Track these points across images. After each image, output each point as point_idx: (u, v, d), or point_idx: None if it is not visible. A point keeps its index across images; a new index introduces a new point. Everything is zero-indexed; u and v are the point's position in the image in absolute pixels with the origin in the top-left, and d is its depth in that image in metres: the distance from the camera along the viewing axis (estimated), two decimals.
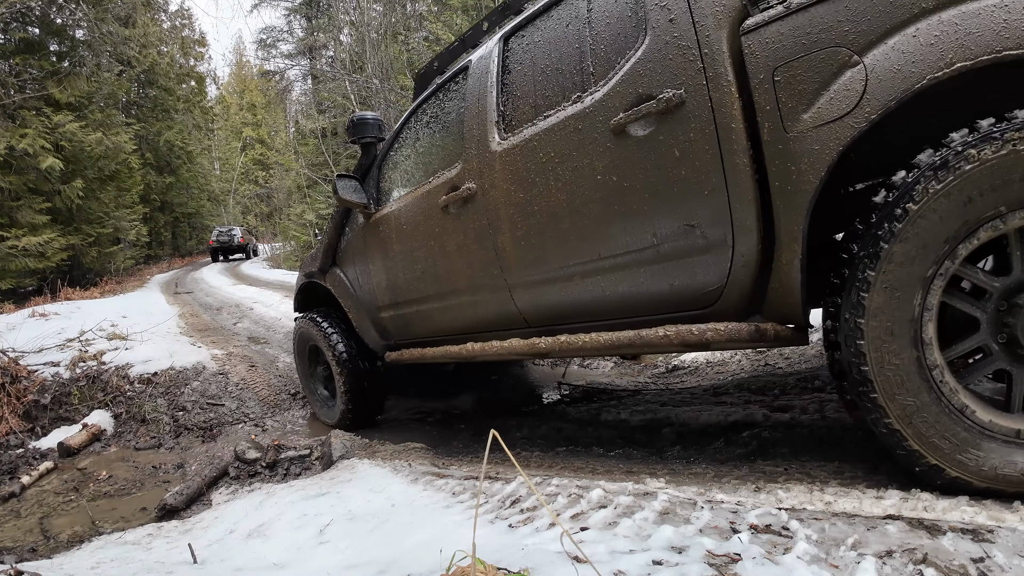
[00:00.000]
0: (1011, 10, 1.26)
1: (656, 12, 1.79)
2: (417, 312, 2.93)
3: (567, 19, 2.15)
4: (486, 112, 2.38)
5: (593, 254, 2.01)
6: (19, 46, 10.94)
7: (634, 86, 1.82)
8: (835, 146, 1.45)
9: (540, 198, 2.12)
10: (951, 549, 1.11)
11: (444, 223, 2.57)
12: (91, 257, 12.10)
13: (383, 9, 15.98)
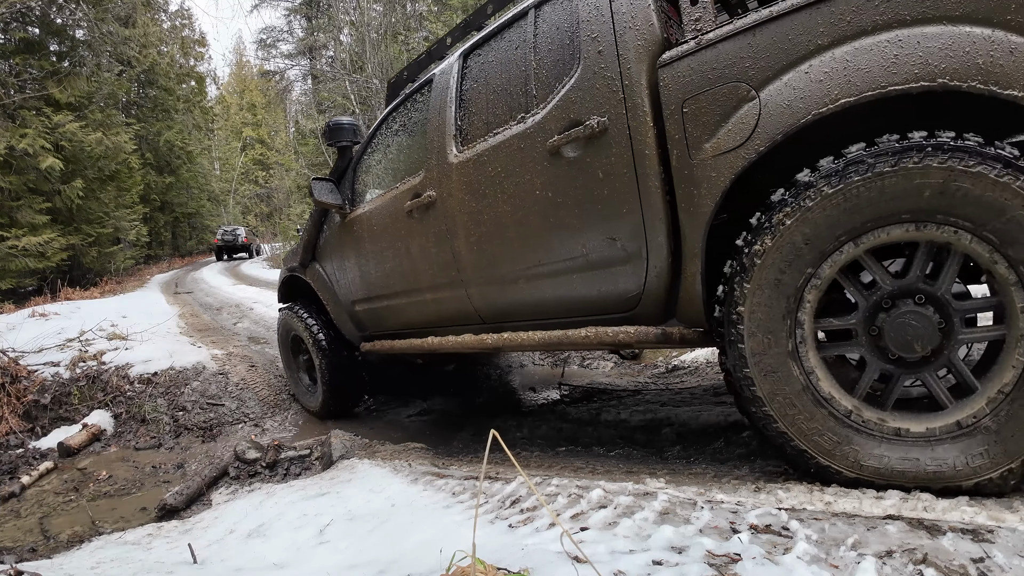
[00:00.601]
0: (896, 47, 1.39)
1: (588, 43, 1.95)
2: (387, 307, 3.11)
3: (517, 42, 2.31)
4: (445, 125, 2.55)
5: (534, 261, 2.21)
6: (19, 46, 10.94)
7: (567, 111, 2.00)
8: (729, 174, 1.62)
9: (490, 208, 2.31)
10: (951, 549, 1.11)
11: (409, 226, 2.75)
12: (91, 257, 12.09)
13: (383, 9, 15.98)
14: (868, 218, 1.43)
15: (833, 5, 1.46)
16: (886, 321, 1.49)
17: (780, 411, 1.59)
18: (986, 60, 1.33)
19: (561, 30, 2.11)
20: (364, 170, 3.25)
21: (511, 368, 4.89)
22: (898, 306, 1.48)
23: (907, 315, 1.46)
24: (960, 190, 1.33)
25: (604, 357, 4.90)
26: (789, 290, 1.55)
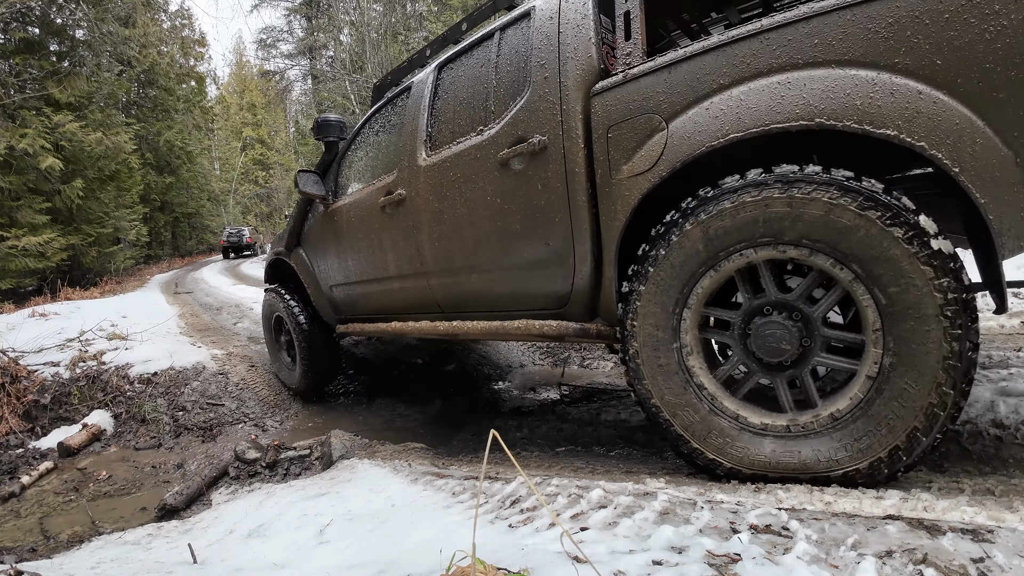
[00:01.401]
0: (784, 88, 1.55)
1: (537, 69, 2.18)
2: (361, 292, 3.37)
3: (482, 60, 2.54)
4: (418, 131, 2.79)
5: (484, 258, 2.45)
6: (19, 46, 10.93)
7: (516, 128, 2.23)
8: (638, 194, 1.85)
9: (450, 209, 2.56)
10: (951, 549, 1.11)
11: (382, 220, 2.99)
12: (91, 257, 12.08)
13: (383, 9, 15.98)
14: (736, 240, 1.62)
15: (735, 48, 1.64)
16: (753, 329, 1.68)
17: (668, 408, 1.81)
18: (864, 101, 1.45)
19: (518, 54, 2.34)
20: (347, 165, 3.47)
21: (511, 368, 4.89)
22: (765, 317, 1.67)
23: (770, 325, 1.65)
24: (805, 215, 1.51)
25: (604, 357, 4.90)
26: (676, 295, 1.77)
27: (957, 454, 2.06)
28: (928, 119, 1.39)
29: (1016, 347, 3.23)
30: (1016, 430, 2.09)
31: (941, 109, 1.38)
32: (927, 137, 1.39)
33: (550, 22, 2.21)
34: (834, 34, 1.49)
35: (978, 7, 1.34)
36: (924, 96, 1.40)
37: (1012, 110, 1.32)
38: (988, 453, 2.02)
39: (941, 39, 1.38)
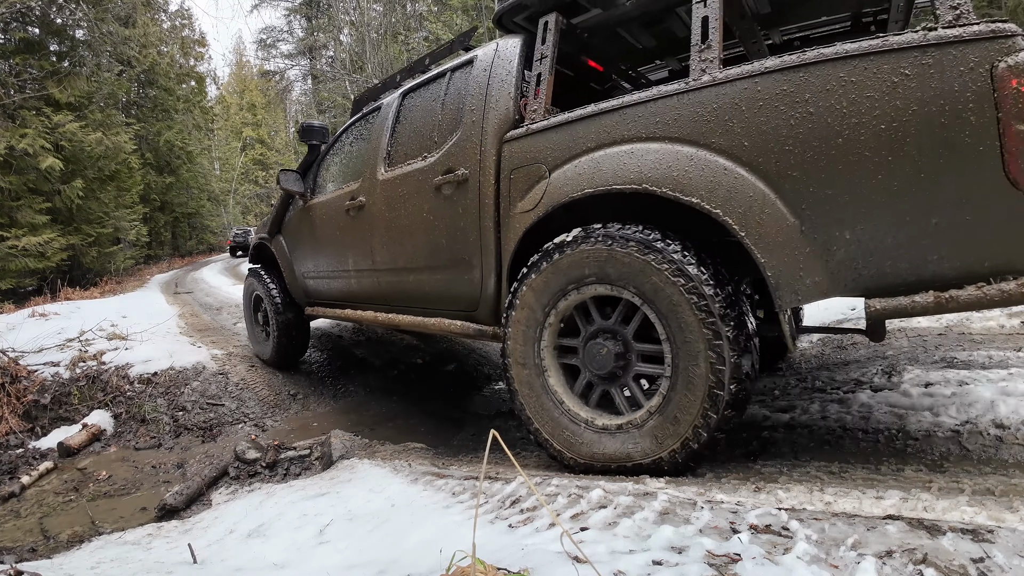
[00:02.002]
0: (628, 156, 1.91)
1: (468, 112, 2.58)
2: (326, 281, 3.81)
3: (434, 95, 2.93)
4: (380, 148, 3.19)
5: (418, 262, 2.88)
6: (19, 46, 10.93)
7: (448, 160, 2.63)
8: (522, 228, 2.24)
9: (396, 220, 2.98)
10: (951, 549, 1.11)
11: (347, 221, 3.41)
12: (91, 257, 12.07)
13: (383, 9, 15.98)
14: (578, 277, 2.02)
15: (600, 119, 2.02)
16: (586, 348, 2.07)
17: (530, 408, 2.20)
18: (679, 172, 1.77)
19: (459, 95, 2.72)
20: (325, 167, 3.88)
21: None
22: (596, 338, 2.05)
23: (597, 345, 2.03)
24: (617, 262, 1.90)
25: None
26: (540, 312, 2.15)
27: (957, 454, 2.06)
28: (727, 190, 1.70)
29: (1016, 347, 3.23)
30: (1016, 430, 2.09)
31: (740, 183, 1.68)
32: (722, 205, 1.70)
33: (483, 73, 2.59)
34: (670, 114, 1.84)
35: (788, 97, 1.60)
36: (728, 171, 1.71)
37: (803, 186, 1.58)
38: (988, 453, 2.02)
39: (751, 124, 1.67)
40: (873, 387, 2.86)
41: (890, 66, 1.50)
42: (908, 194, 1.47)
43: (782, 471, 2.14)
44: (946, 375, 2.80)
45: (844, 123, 1.54)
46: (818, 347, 4.16)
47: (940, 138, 1.44)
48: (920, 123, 1.46)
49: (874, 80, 1.51)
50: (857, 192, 1.52)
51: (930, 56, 1.46)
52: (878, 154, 1.50)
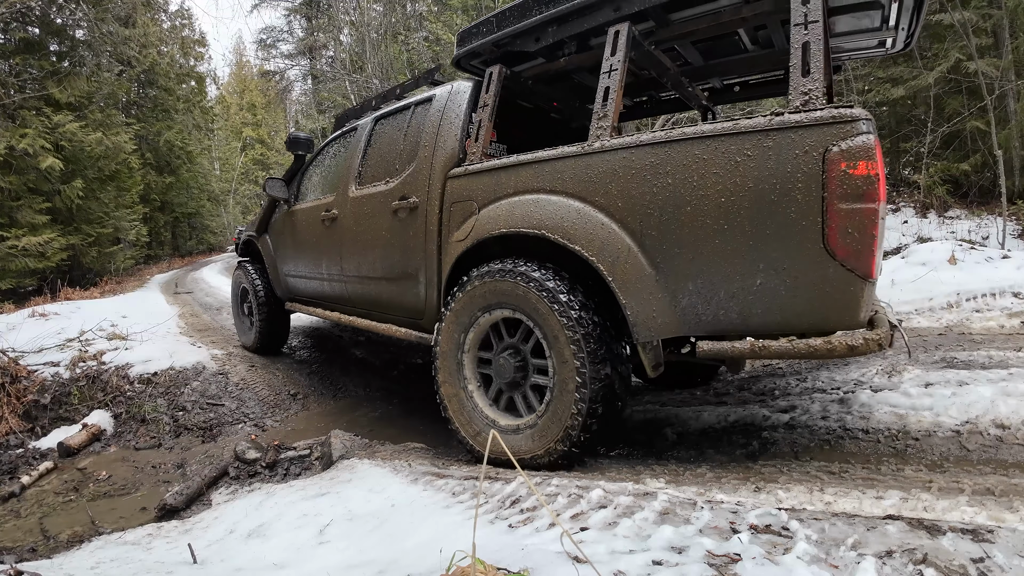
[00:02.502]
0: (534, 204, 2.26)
1: (423, 147, 2.90)
2: (304, 281, 4.16)
3: (399, 126, 3.24)
4: (353, 167, 3.52)
5: (377, 273, 3.23)
6: (19, 46, 10.92)
7: (404, 187, 2.96)
8: (455, 254, 2.57)
9: (361, 234, 3.31)
10: (951, 549, 1.11)
11: (322, 230, 3.75)
12: (91, 257, 12.06)
13: (383, 9, 15.97)
14: (488, 303, 2.37)
15: (516, 170, 2.37)
16: (496, 360, 2.42)
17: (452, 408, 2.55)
18: (569, 223, 2.11)
19: (419, 129, 3.02)
20: (308, 177, 4.23)
21: None
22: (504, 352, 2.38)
23: (504, 359, 2.37)
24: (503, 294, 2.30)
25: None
26: (461, 329, 2.50)
27: (957, 454, 2.06)
28: (601, 242, 2.03)
29: (1016, 347, 3.23)
30: (1016, 430, 2.09)
31: (612, 236, 2.00)
32: (597, 254, 2.03)
33: (438, 112, 2.89)
34: (568, 172, 2.17)
35: (654, 168, 1.90)
36: (604, 226, 2.03)
37: (659, 243, 1.90)
38: (988, 453, 2.02)
39: (624, 187, 1.98)
40: (873, 387, 2.86)
41: (736, 147, 1.74)
42: (739, 258, 1.73)
43: (782, 471, 2.14)
44: (946, 375, 2.80)
45: (693, 194, 1.82)
46: None
47: (770, 212, 1.67)
48: (754, 198, 1.70)
49: (721, 158, 1.76)
50: (699, 252, 1.82)
51: (771, 139, 1.67)
52: (717, 222, 1.77)
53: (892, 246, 8.04)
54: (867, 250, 1.54)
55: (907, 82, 9.29)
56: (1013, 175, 8.58)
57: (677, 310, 1.88)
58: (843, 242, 1.55)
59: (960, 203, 9.11)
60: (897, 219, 8.99)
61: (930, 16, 9.12)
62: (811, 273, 1.61)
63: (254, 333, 4.84)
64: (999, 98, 8.61)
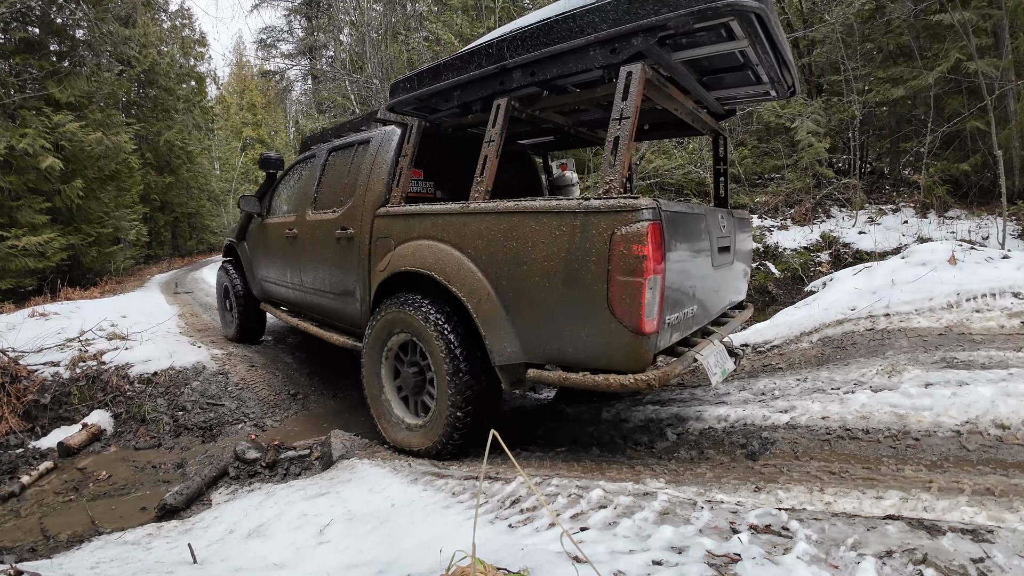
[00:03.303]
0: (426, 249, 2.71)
1: (359, 185, 3.34)
2: (273, 286, 4.63)
3: (346, 160, 3.63)
4: (310, 192, 3.96)
5: (326, 288, 3.69)
6: (19, 46, 10.91)
7: (345, 219, 3.40)
8: (377, 282, 3.01)
9: (314, 253, 3.78)
10: (951, 549, 1.11)
11: (287, 245, 4.20)
12: (91, 257, 12.04)
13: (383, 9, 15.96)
14: (393, 327, 2.86)
15: (422, 219, 2.80)
16: (403, 372, 2.91)
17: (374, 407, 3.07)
18: (449, 267, 2.57)
19: (358, 167, 3.43)
20: (278, 194, 4.70)
21: None
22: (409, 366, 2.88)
23: (408, 371, 2.87)
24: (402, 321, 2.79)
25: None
26: (379, 346, 2.99)
27: (957, 454, 2.06)
28: (470, 286, 2.47)
29: (1016, 347, 3.23)
30: (1016, 430, 2.09)
31: (477, 282, 2.45)
32: (466, 295, 2.48)
33: (372, 155, 3.32)
34: (453, 225, 2.61)
35: (503, 231, 2.36)
36: (472, 272, 2.47)
37: (505, 289, 2.35)
38: (988, 453, 2.01)
39: (486, 242, 2.43)
40: (873, 387, 2.86)
41: (556, 222, 2.17)
42: (556, 308, 2.18)
43: (782, 471, 2.14)
44: (946, 375, 2.80)
45: (528, 255, 2.26)
46: (818, 347, 4.16)
47: (575, 276, 2.10)
48: (565, 264, 2.13)
49: (546, 230, 2.20)
50: (532, 301, 2.27)
51: (579, 220, 2.09)
52: (542, 279, 2.22)
53: (892, 246, 8.04)
54: (636, 312, 1.94)
55: (907, 82, 9.29)
56: (1013, 175, 8.58)
57: (519, 343, 2.35)
58: (620, 305, 1.98)
59: (960, 203, 9.11)
60: (897, 219, 8.99)
61: (930, 16, 9.12)
62: (600, 326, 2.05)
63: (234, 326, 5.41)
64: (999, 98, 8.60)
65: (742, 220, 3.32)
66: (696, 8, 1.83)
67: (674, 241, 2.12)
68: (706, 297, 2.59)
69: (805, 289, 6.44)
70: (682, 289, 2.25)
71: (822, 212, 9.66)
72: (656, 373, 2.01)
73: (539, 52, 2.30)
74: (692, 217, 2.38)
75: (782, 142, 10.82)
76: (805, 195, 9.85)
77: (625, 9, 2.01)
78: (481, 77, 2.57)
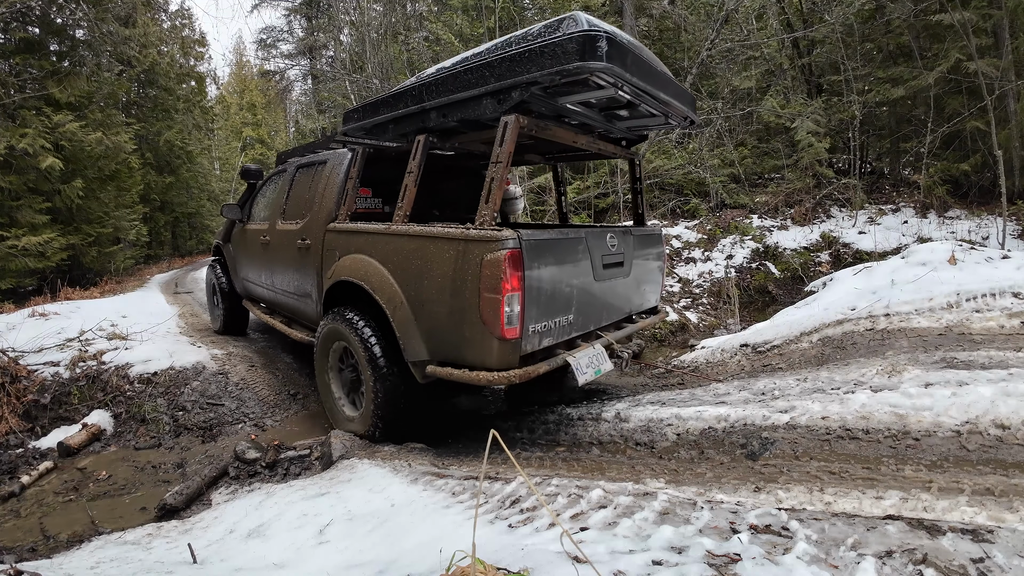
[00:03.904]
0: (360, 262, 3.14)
1: (316, 201, 3.78)
2: (252, 286, 5.09)
3: (307, 177, 4.10)
4: (280, 203, 4.44)
5: (291, 289, 4.15)
6: (19, 46, 10.90)
7: (304, 230, 3.83)
8: (326, 287, 3.40)
9: (282, 258, 4.23)
10: (951, 549, 1.11)
11: (261, 249, 4.66)
12: (91, 257, 12.04)
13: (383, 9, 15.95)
14: (330, 337, 3.32)
15: (357, 236, 3.21)
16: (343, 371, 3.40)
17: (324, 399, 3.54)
18: (373, 276, 2.99)
19: (316, 185, 3.88)
20: (256, 202, 5.16)
21: None
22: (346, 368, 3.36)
23: (346, 371, 3.36)
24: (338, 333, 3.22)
25: None
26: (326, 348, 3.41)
27: (957, 454, 2.06)
28: (389, 295, 2.88)
29: (1016, 347, 3.23)
30: (1016, 430, 2.09)
31: (395, 292, 2.86)
32: (386, 304, 2.88)
33: (326, 175, 3.76)
34: (378, 244, 3.03)
35: (411, 251, 2.79)
36: (392, 284, 2.88)
37: (415, 300, 2.76)
38: (988, 453, 2.01)
39: (400, 258, 2.86)
40: (873, 387, 2.86)
41: (447, 245, 2.60)
42: (447, 316, 2.60)
43: (782, 471, 2.14)
44: (946, 375, 2.80)
45: (428, 272, 2.68)
46: (818, 347, 4.16)
47: (458, 291, 2.52)
48: (452, 280, 2.55)
49: (440, 251, 2.63)
50: (431, 310, 2.68)
51: (462, 245, 2.52)
52: (438, 293, 2.63)
53: (892, 246, 8.04)
54: (497, 322, 2.38)
55: (907, 82, 9.29)
56: (1013, 175, 8.58)
57: (424, 343, 2.75)
58: (487, 316, 2.40)
59: (960, 203, 9.11)
60: (897, 219, 8.99)
61: (930, 16, 9.12)
62: (476, 332, 2.47)
63: (220, 320, 5.91)
64: (999, 98, 8.60)
65: (648, 236, 3.68)
66: (555, 69, 2.25)
67: (536, 264, 2.50)
68: (589, 307, 2.97)
69: (805, 289, 6.45)
70: (551, 302, 2.63)
71: (822, 212, 9.66)
72: (518, 372, 2.47)
73: (448, 98, 2.74)
74: (564, 242, 2.74)
75: (782, 142, 10.82)
76: (805, 195, 9.85)
77: (507, 67, 2.43)
78: (407, 115, 3.01)
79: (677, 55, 12.77)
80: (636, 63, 2.43)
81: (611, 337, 3.15)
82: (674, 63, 12.40)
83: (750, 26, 12.09)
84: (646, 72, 2.54)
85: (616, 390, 4.04)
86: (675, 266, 8.53)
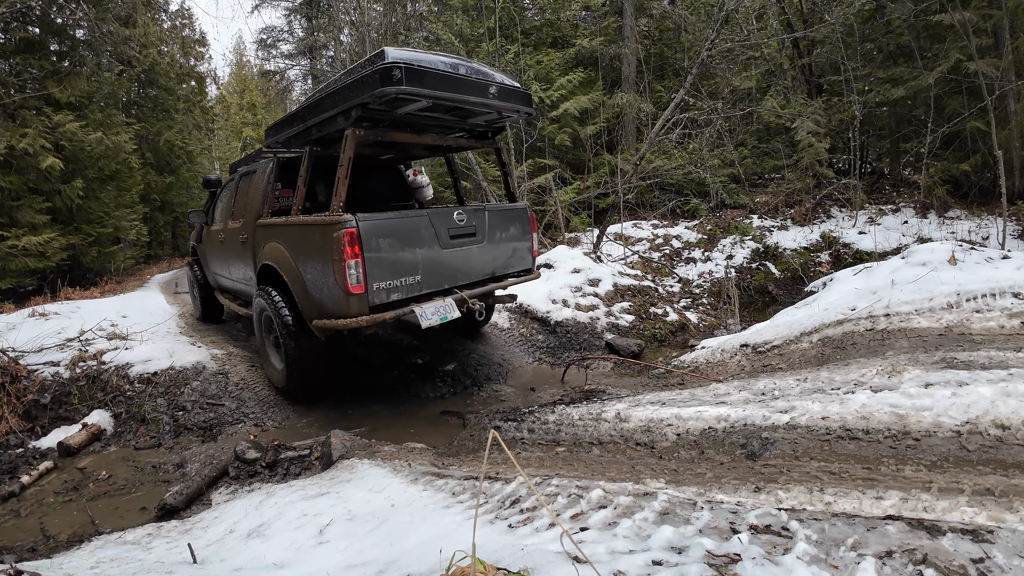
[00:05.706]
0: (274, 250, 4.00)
1: (250, 203, 4.63)
2: (219, 278, 5.83)
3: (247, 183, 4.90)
4: (230, 206, 5.28)
5: (239, 275, 4.93)
6: (19, 46, 10.90)
7: (243, 227, 4.66)
8: (257, 269, 4.24)
9: (233, 251, 4.99)
10: (951, 549, 1.11)
11: (220, 245, 5.44)
12: (91, 257, 12.03)
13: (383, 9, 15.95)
14: (260, 308, 4.11)
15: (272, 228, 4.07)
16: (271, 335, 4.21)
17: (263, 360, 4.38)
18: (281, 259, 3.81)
19: (251, 189, 4.71)
20: (215, 207, 5.98)
21: (511, 368, 4.88)
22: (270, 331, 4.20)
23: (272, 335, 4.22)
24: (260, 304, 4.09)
25: (604, 358, 4.89)
26: (259, 316, 4.20)
27: (957, 454, 2.06)
28: (290, 271, 3.70)
29: (1016, 347, 3.23)
30: (1016, 430, 2.09)
31: (292, 268, 3.67)
32: (288, 277, 3.71)
33: (257, 181, 4.64)
34: (283, 232, 3.87)
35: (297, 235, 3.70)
36: (290, 262, 3.69)
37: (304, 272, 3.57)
38: (988, 453, 2.01)
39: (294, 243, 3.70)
40: (873, 387, 2.86)
41: (317, 228, 3.37)
42: (321, 281, 3.38)
43: (782, 471, 2.14)
44: (946, 375, 2.80)
45: (309, 250, 3.50)
46: (818, 347, 4.16)
47: (325, 261, 3.28)
48: (321, 254, 3.33)
49: (315, 233, 3.40)
50: (313, 279, 3.46)
51: (323, 228, 3.28)
52: (315, 264, 3.42)
53: (892, 246, 8.04)
54: (344, 280, 3.16)
55: (907, 82, 9.29)
56: (1013, 175, 8.58)
57: (314, 305, 3.49)
58: (338, 277, 3.18)
59: (960, 203, 9.11)
60: (897, 219, 8.98)
61: (930, 16, 9.12)
62: (335, 291, 3.25)
63: (199, 310, 6.71)
64: (999, 98, 8.60)
65: (510, 211, 4.38)
66: (368, 94, 3.07)
67: (374, 238, 3.23)
68: (439, 269, 3.63)
69: (805, 289, 6.44)
70: (395, 266, 3.35)
71: (822, 212, 9.66)
72: (366, 318, 3.20)
73: (318, 117, 3.58)
74: (402, 220, 3.44)
75: (782, 142, 10.82)
76: (805, 195, 9.84)
77: (344, 93, 3.30)
78: (299, 132, 3.84)
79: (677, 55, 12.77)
80: (436, 80, 3.17)
81: (466, 294, 3.76)
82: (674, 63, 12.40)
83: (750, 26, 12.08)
84: (453, 85, 3.27)
85: (616, 390, 4.04)
86: (675, 266, 8.54)
